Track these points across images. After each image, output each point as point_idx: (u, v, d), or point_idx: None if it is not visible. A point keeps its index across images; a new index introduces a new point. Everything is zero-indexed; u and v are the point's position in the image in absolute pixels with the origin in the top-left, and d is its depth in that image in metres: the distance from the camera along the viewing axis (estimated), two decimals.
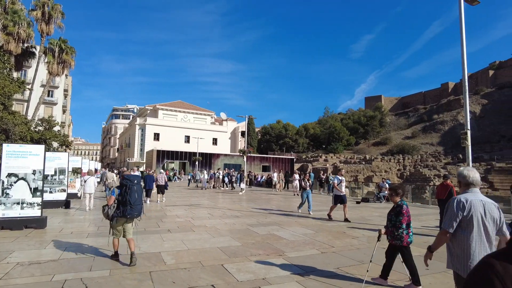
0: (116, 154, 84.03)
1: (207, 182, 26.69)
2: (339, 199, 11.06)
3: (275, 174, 27.19)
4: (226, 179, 26.97)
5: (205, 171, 33.65)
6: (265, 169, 51.12)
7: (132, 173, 16.03)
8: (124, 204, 5.51)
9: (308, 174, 13.22)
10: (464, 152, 10.09)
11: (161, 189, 16.01)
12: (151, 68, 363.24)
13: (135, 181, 5.66)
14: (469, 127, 9.74)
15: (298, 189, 20.56)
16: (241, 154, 27.85)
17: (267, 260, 5.97)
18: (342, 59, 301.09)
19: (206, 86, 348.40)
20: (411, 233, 4.71)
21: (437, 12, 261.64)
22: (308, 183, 12.64)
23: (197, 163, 42.86)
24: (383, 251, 5.18)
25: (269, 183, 30.12)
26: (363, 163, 51.14)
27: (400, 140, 74.21)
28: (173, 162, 49.21)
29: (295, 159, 58.84)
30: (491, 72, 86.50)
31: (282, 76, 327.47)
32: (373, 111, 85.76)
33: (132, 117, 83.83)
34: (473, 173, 3.06)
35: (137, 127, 59.24)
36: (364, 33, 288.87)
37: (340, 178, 11.41)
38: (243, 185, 23.44)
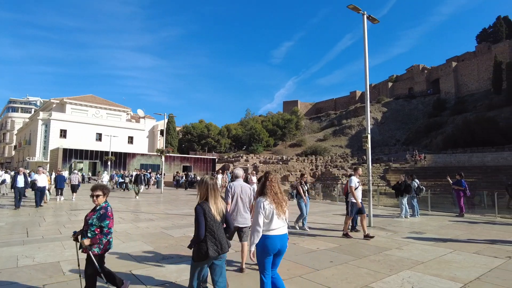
0: (13, 152, 73.22)
1: (108, 182, 26.40)
2: (355, 208, 8.41)
3: (220, 176, 22.66)
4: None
5: (105, 172, 32.43)
6: (185, 169, 49.92)
7: (38, 174, 14.25)
8: None
9: (305, 176, 10.12)
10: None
11: (74, 188, 17.27)
12: (58, 57, 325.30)
13: None
14: (369, 132, 10.94)
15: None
16: (159, 153, 26.66)
17: (180, 263, 5.83)
18: (263, 63, 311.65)
19: (122, 80, 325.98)
20: (111, 239, 3.96)
21: (348, 26, 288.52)
22: (306, 188, 9.80)
23: (109, 163, 39.80)
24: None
25: (191, 184, 29.40)
26: (281, 163, 53.59)
27: (314, 142, 79.73)
28: (82, 162, 44.84)
29: (217, 159, 58.82)
30: (390, 84, 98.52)
31: (205, 75, 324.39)
32: (290, 115, 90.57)
33: (34, 111, 74.01)
34: (238, 171, 5.82)
35: (40, 122, 52.58)
36: (284, 40, 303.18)
37: (357, 180, 8.61)
38: (142, 187, 22.50)
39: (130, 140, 60.82)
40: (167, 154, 34.95)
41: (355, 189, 8.34)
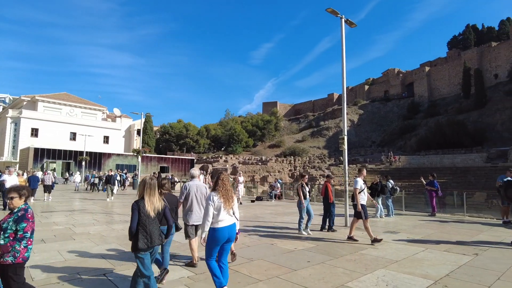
0: None
1: (79, 183, 26.50)
2: (366, 209, 8.13)
3: (202, 177, 22.39)
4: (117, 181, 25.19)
5: (78, 172, 31.95)
6: (163, 170, 49.11)
7: (9, 175, 13.56)
8: None
9: (306, 177, 9.64)
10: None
11: (48, 188, 17.28)
12: (29, 52, 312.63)
13: None
14: (346, 134, 11.16)
15: (240, 195, 17.41)
16: (135, 154, 26.06)
17: (155, 267, 5.72)
18: (243, 64, 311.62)
19: (98, 78, 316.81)
20: (30, 246, 3.45)
21: (327, 29, 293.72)
22: (308, 189, 9.42)
23: (83, 163, 38.59)
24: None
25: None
26: (260, 163, 53.74)
27: (292, 143, 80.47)
28: (55, 162, 43.25)
29: (195, 160, 58.25)
30: (366, 87, 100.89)
31: (184, 75, 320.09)
32: (270, 116, 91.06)
33: (3, 108, 70.73)
34: (193, 171, 6.13)
35: (9, 120, 50.32)
36: (263, 41, 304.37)
37: (362, 182, 8.31)
38: (116, 189, 21.72)
39: (106, 139, 59.25)
40: (144, 155, 34.25)
41: (361, 191, 8.07)
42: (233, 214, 4.33)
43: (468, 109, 60.86)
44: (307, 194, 9.20)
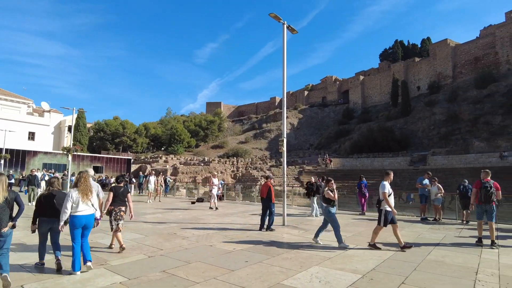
0: None
1: None
2: (390, 216, 7.44)
3: (152, 178, 19.54)
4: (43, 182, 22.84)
5: None
6: (96, 170, 45.91)
7: None
8: None
9: (332, 181, 8.38)
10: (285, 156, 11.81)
11: None
12: None
13: None
14: (285, 136, 11.52)
15: (215, 199, 15.63)
16: (65, 152, 23.96)
17: (84, 272, 5.31)
18: (187, 62, 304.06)
19: (24, 67, 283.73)
20: None
21: (271, 34, 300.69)
22: (335, 194, 8.13)
23: (2, 161, 34.52)
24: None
25: (103, 187, 27.10)
26: (202, 164, 53.00)
27: (235, 144, 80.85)
28: None
29: (132, 160, 55.42)
30: (306, 92, 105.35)
31: (123, 69, 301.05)
32: (213, 116, 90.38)
33: None
34: (90, 170, 6.72)
35: None
36: (208, 40, 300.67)
37: (388, 185, 7.62)
38: (39, 191, 19.55)
39: (31, 136, 53.66)
40: (75, 153, 31.69)
41: (389, 195, 7.44)
42: (92, 205, 5.50)
43: (395, 116, 66.67)
44: (336, 201, 8.14)
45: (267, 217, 9.78)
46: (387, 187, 7.51)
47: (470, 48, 66.87)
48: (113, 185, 7.93)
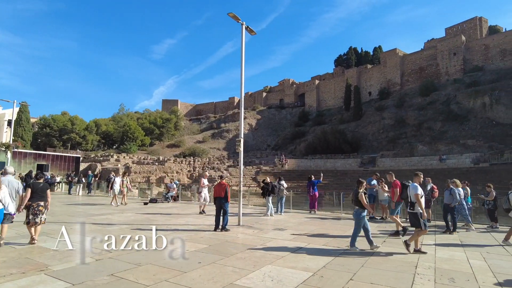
0: None
1: None
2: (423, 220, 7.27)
3: (118, 179, 18.05)
4: None
5: None
6: (41, 168, 42.63)
7: None
8: None
9: (365, 183, 8.03)
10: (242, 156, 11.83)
11: None
12: None
13: None
14: (242, 136, 11.56)
15: (207, 202, 14.44)
16: (4, 148, 22.00)
17: (21, 279, 4.91)
18: (142, 57, 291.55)
19: None
20: None
21: (230, 34, 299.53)
22: (366, 197, 7.66)
23: None
24: None
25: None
26: (156, 164, 51.44)
27: (193, 143, 79.50)
28: None
29: (81, 158, 52.24)
30: (264, 94, 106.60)
31: (71, 61, 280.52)
32: (170, 114, 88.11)
33: None
34: (8, 168, 7.78)
35: None
36: (166, 36, 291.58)
37: (419, 187, 7.43)
38: None
39: None
40: (16, 150, 29.24)
41: (421, 197, 7.20)
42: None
43: (348, 120, 69.77)
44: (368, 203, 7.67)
45: (221, 217, 9.74)
46: (419, 188, 7.28)
47: (416, 58, 71.99)
48: (31, 181, 8.25)
